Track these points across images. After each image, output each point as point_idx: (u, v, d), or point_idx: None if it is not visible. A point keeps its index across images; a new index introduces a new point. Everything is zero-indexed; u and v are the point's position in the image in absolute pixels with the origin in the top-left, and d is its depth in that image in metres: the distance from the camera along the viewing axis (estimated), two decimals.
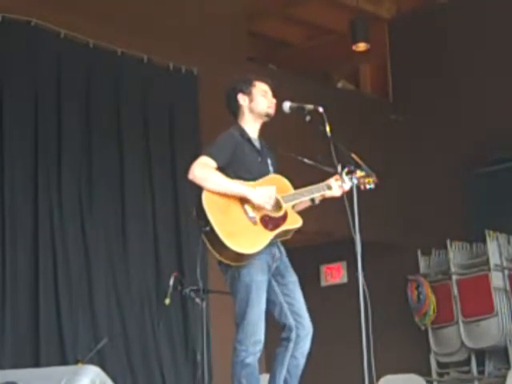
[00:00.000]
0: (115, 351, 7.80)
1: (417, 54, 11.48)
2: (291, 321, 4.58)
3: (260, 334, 4.47)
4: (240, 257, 4.41)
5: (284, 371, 4.60)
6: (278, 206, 4.55)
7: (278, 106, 4.83)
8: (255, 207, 4.48)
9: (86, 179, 8.09)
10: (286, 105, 4.77)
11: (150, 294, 8.28)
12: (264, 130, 4.87)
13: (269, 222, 4.50)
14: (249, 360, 4.45)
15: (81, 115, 8.19)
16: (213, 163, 4.48)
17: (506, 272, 9.91)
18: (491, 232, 9.95)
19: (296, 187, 4.74)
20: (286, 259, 4.72)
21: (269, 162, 4.76)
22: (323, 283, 12.13)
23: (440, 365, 10.39)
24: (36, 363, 7.16)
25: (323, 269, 12.13)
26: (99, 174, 8.18)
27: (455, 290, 10.08)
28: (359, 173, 4.75)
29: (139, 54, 8.71)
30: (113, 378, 5.22)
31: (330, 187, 4.75)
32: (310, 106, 4.72)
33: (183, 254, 8.55)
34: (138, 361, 8.01)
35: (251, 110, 4.75)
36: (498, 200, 10.27)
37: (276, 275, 4.62)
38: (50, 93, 8.00)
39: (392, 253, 11.04)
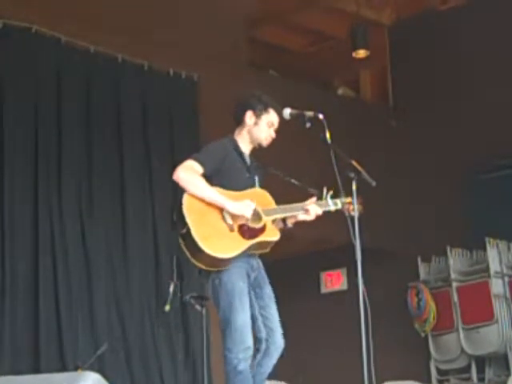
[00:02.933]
0: (115, 357, 7.79)
1: (417, 61, 11.49)
2: (263, 335, 4.59)
3: (248, 340, 4.46)
4: (213, 261, 4.42)
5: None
6: (258, 217, 4.56)
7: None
8: (234, 216, 4.48)
9: (86, 182, 8.10)
10: (287, 111, 4.77)
11: (150, 300, 8.28)
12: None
13: (246, 232, 4.51)
14: (241, 367, 4.43)
15: (81, 121, 8.21)
16: (199, 169, 4.50)
17: (506, 279, 9.91)
18: (491, 239, 9.95)
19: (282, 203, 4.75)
20: (263, 272, 4.73)
21: (256, 179, 4.77)
22: (323, 290, 12.12)
23: (440, 372, 10.38)
24: (36, 369, 7.15)
25: (323, 275, 12.13)
26: (99, 177, 8.19)
27: (455, 297, 10.07)
28: (345, 200, 4.78)
29: (139, 60, 8.73)
30: None
31: (307, 210, 4.74)
32: (310, 113, 4.72)
33: (183, 260, 8.54)
34: (138, 367, 8.00)
35: (250, 132, 4.75)
36: (498, 207, 10.28)
37: (255, 287, 4.64)
38: (51, 98, 8.02)
39: (392, 259, 11.03)
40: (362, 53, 11.32)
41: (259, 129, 4.74)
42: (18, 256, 7.47)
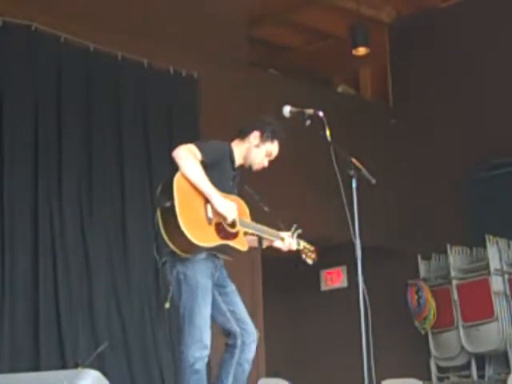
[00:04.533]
0: (115, 355, 7.79)
1: (417, 59, 11.49)
2: (236, 328, 4.61)
3: (207, 338, 4.47)
4: (185, 244, 4.39)
5: (231, 378, 4.62)
6: (233, 223, 4.59)
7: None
8: (215, 212, 4.50)
9: (86, 182, 8.10)
10: (286, 109, 4.78)
11: (150, 298, 8.28)
12: None
13: (221, 231, 4.53)
14: (198, 366, 4.44)
15: (81, 119, 8.20)
16: (199, 155, 4.51)
17: (506, 276, 9.91)
18: (491, 236, 9.95)
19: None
20: (224, 270, 4.74)
21: (235, 191, 4.80)
22: (323, 287, 12.13)
23: (440, 369, 10.38)
24: (36, 367, 7.15)
25: (323, 273, 12.13)
26: (99, 176, 8.19)
27: (455, 295, 10.08)
28: (305, 244, 4.98)
29: (139, 58, 8.72)
30: (112, 382, 5.22)
31: (283, 239, 4.87)
32: (310, 111, 4.72)
33: None
34: (138, 365, 8.00)
35: (248, 150, 4.80)
36: (497, 204, 10.27)
37: (217, 286, 4.65)
38: (51, 96, 8.01)
39: (392, 257, 11.04)
40: (361, 50, 11.30)
41: (258, 152, 4.80)
42: (18, 255, 7.46)
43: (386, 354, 6.21)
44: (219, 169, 4.63)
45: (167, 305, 6.79)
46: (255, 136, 4.79)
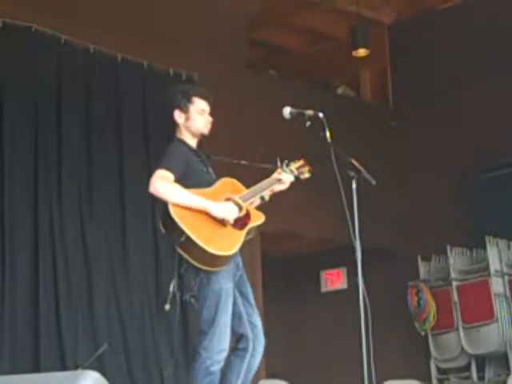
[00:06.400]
0: (115, 357, 7.79)
1: (417, 60, 11.49)
2: (249, 332, 4.61)
3: (225, 342, 4.48)
4: (219, 260, 4.42)
5: (240, 382, 4.60)
6: (238, 207, 4.58)
7: (277, 111, 4.83)
8: None
9: (86, 182, 8.10)
10: (286, 110, 4.79)
11: (150, 300, 8.28)
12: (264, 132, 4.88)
13: (237, 222, 4.54)
14: (213, 368, 4.45)
15: (81, 121, 8.21)
16: (171, 176, 4.50)
17: (506, 278, 9.91)
18: (491, 238, 9.95)
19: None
20: (244, 271, 4.73)
21: (210, 170, 4.81)
22: (323, 289, 12.13)
23: (440, 371, 10.38)
24: (36, 368, 7.15)
25: (323, 275, 12.13)
26: (99, 177, 8.20)
27: (455, 296, 10.07)
28: (296, 165, 4.94)
29: (139, 60, 8.73)
30: None
31: (280, 180, 4.84)
32: (310, 112, 4.73)
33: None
34: (138, 366, 8.00)
35: (187, 128, 4.78)
36: (498, 206, 10.28)
37: (240, 285, 4.65)
38: (51, 98, 8.02)
39: (392, 259, 11.04)
40: (362, 52, 11.30)
41: (194, 121, 4.77)
42: (18, 255, 7.46)
43: (386, 356, 6.21)
44: (193, 170, 4.63)
45: (167, 306, 6.79)
46: (178, 115, 4.78)
